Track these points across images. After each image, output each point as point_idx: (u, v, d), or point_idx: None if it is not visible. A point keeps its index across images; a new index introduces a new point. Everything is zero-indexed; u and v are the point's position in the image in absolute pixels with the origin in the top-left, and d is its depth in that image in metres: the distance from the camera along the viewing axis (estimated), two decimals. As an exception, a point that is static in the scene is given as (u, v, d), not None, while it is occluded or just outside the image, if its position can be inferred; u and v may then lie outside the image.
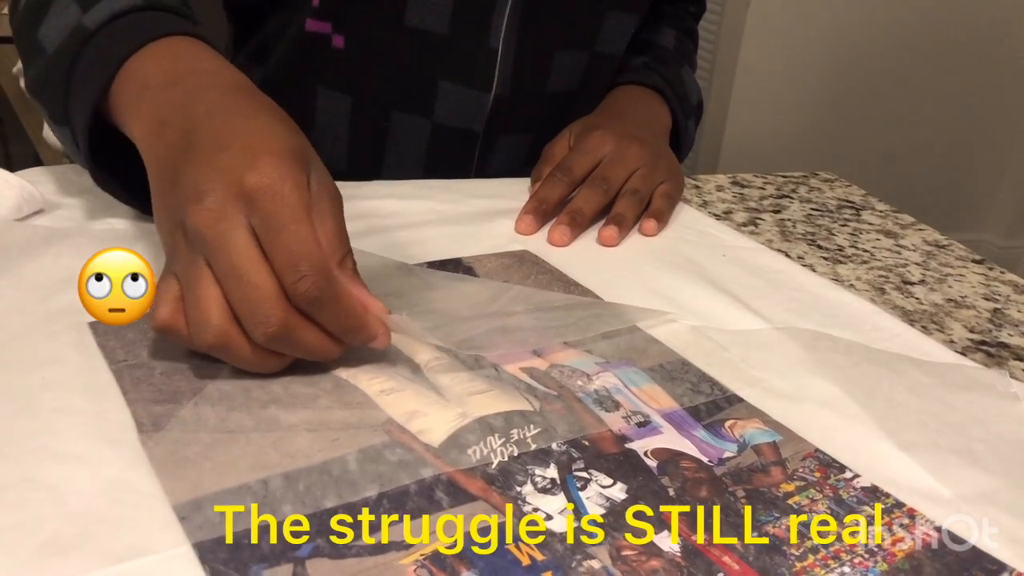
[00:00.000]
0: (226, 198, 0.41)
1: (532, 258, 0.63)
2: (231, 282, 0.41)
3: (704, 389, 0.50)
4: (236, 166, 0.41)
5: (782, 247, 0.71)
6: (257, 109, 0.47)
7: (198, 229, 0.41)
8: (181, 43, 0.52)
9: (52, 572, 0.33)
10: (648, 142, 0.73)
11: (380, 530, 0.36)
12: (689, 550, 0.38)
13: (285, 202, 0.41)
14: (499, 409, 0.45)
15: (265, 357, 0.43)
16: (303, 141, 0.45)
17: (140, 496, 0.37)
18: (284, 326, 0.41)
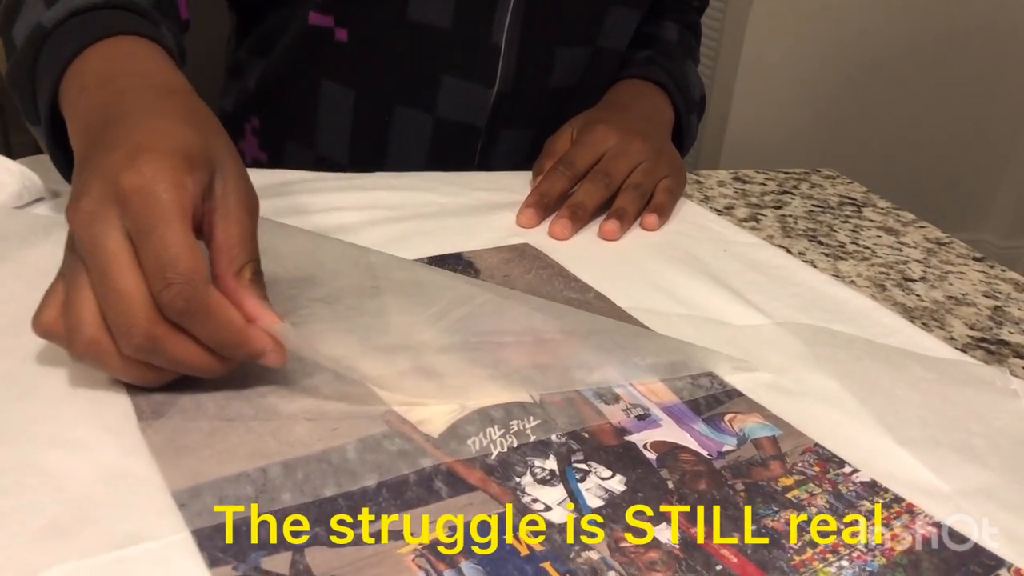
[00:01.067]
0: (101, 199, 0.39)
1: (533, 252, 0.63)
2: (100, 288, 0.38)
3: (704, 383, 0.50)
4: (115, 166, 0.39)
5: (783, 243, 0.71)
6: (169, 110, 0.44)
7: (74, 231, 0.39)
8: (126, 43, 0.51)
9: (51, 556, 0.33)
10: (651, 137, 0.73)
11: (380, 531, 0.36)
12: (688, 543, 0.38)
13: (156, 204, 0.38)
14: (499, 400, 0.45)
15: (138, 369, 0.40)
16: (206, 143, 0.42)
17: (139, 483, 0.37)
18: (149, 337, 0.38)
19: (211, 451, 0.39)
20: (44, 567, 0.32)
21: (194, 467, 0.38)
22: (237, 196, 0.42)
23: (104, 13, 0.52)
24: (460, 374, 0.47)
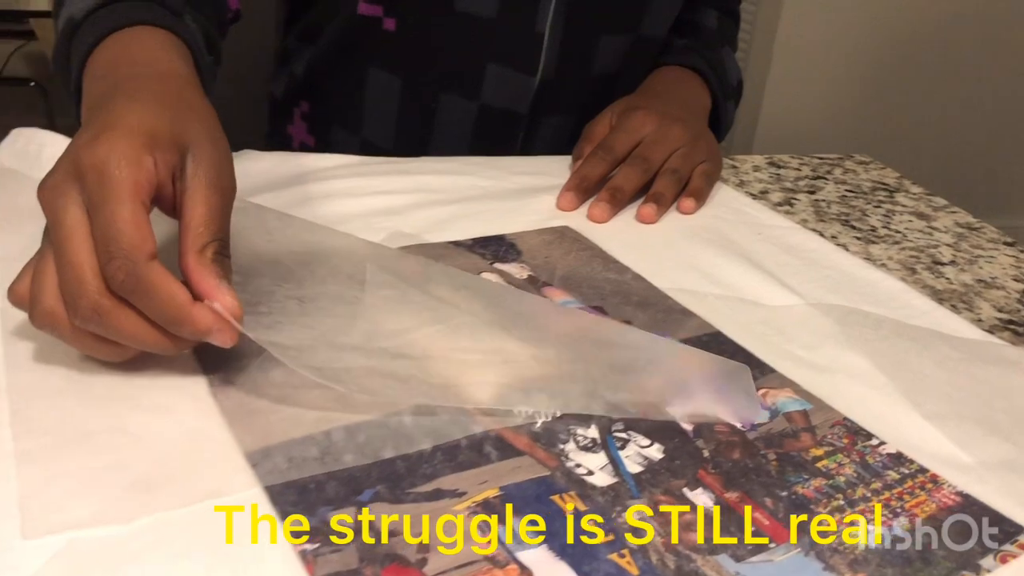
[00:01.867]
0: (64, 176, 0.40)
1: (573, 234, 0.66)
2: (57, 260, 0.40)
3: (738, 360, 0.52)
4: (81, 145, 0.40)
5: (816, 227, 0.73)
6: (151, 95, 0.45)
7: (41, 205, 0.41)
8: (141, 33, 0.53)
9: (141, 508, 0.36)
10: (688, 123, 0.75)
11: (436, 490, 0.39)
12: (722, 505, 0.40)
13: (108, 180, 0.39)
14: (544, 372, 0.48)
15: (91, 341, 0.41)
16: (179, 125, 0.43)
17: (215, 444, 0.40)
18: (94, 308, 0.39)
19: (279, 416, 0.42)
20: (132, 518, 0.36)
21: (264, 430, 0.41)
22: (207, 177, 0.43)
23: (128, 5, 0.55)
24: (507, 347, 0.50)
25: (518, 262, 0.60)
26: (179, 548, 0.35)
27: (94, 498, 0.36)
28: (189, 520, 0.36)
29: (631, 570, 0.36)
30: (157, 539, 0.35)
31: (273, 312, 0.45)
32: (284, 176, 0.68)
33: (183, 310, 0.39)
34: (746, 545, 0.38)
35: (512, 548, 0.37)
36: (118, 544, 0.34)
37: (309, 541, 0.35)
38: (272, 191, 0.65)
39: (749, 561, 0.38)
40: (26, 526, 0.35)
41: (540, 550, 0.37)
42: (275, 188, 0.66)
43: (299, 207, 0.63)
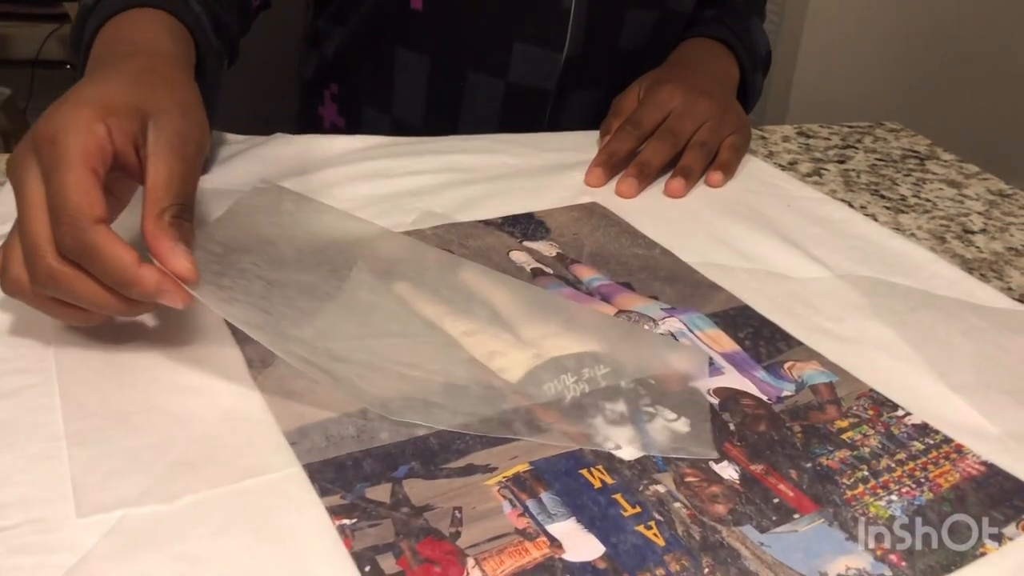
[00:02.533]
0: (26, 149, 0.42)
1: (601, 210, 0.66)
2: (19, 230, 0.41)
3: (765, 333, 0.53)
4: (40, 119, 0.42)
5: (845, 197, 0.73)
6: (119, 68, 0.47)
7: (8, 178, 0.43)
8: (138, 15, 0.54)
9: (183, 486, 0.38)
10: (716, 95, 0.75)
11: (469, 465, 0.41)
12: (747, 478, 0.41)
13: (57, 148, 0.41)
14: (571, 350, 0.49)
15: (54, 306, 0.42)
16: (140, 95, 0.45)
17: (254, 423, 0.42)
18: (49, 273, 0.40)
19: (316, 395, 0.43)
20: (177, 496, 0.37)
21: (301, 410, 0.42)
22: (169, 143, 0.44)
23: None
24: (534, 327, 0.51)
25: (547, 240, 0.61)
26: (221, 525, 0.36)
27: (140, 477, 0.38)
28: (231, 498, 0.38)
29: (657, 541, 0.37)
30: (201, 517, 0.36)
31: (235, 288, 0.46)
32: (315, 159, 0.69)
33: (128, 272, 0.40)
34: (771, 516, 0.39)
35: (542, 521, 0.38)
36: (164, 521, 0.36)
37: (347, 517, 0.37)
38: (303, 174, 0.67)
39: (773, 532, 0.39)
40: (79, 505, 0.36)
41: (569, 523, 0.38)
42: (306, 171, 0.67)
43: (331, 189, 0.65)
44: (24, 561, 0.34)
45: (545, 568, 0.36)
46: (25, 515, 0.36)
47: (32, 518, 0.35)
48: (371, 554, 0.35)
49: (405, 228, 0.60)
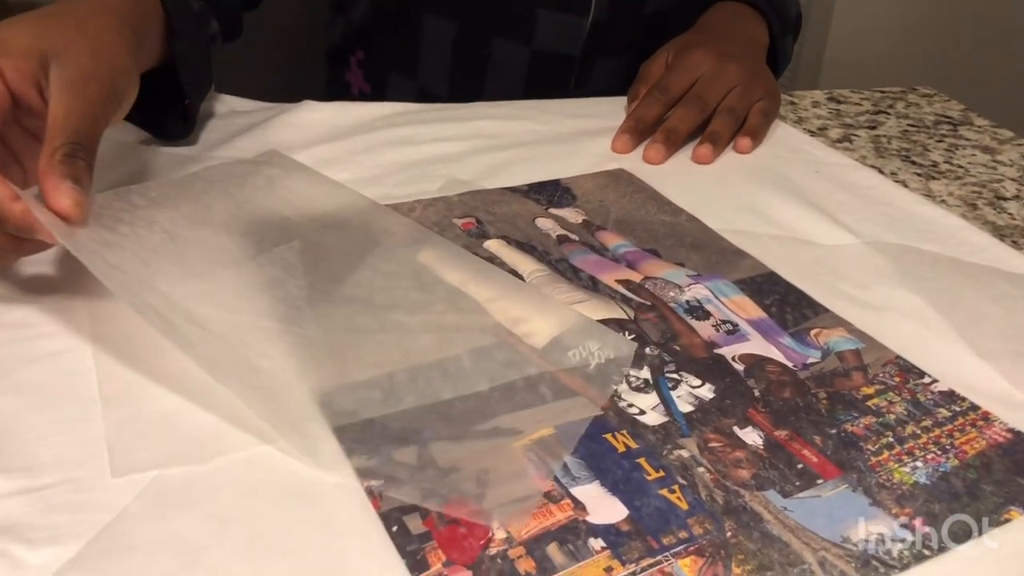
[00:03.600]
0: None
1: (627, 176, 0.66)
2: None
3: (791, 300, 0.52)
4: None
5: (876, 163, 0.72)
6: (34, 14, 0.47)
7: None
8: None
9: (215, 448, 0.38)
10: (745, 60, 0.75)
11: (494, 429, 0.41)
12: (771, 443, 0.42)
13: None
14: (596, 317, 0.49)
15: None
16: (45, 38, 0.46)
17: (284, 385, 0.42)
18: None
19: (344, 359, 0.44)
20: (208, 458, 0.38)
21: (330, 373, 0.43)
22: (70, 83, 0.44)
23: None
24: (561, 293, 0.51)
25: (573, 207, 0.61)
26: (252, 485, 0.37)
27: (172, 439, 0.39)
28: (261, 459, 0.38)
29: (680, 505, 0.38)
30: (231, 477, 0.37)
31: (129, 236, 0.45)
32: (342, 126, 0.70)
33: (1, 206, 0.41)
34: (794, 481, 0.39)
35: (566, 484, 0.38)
36: (196, 481, 0.37)
37: (374, 478, 0.37)
38: (331, 141, 0.67)
39: (797, 497, 0.39)
40: (113, 465, 0.37)
41: (593, 486, 0.38)
42: (334, 138, 0.67)
43: (357, 156, 0.65)
44: (61, 519, 0.34)
45: (569, 530, 0.36)
46: (62, 475, 0.36)
47: (68, 478, 0.36)
48: (398, 515, 0.36)
49: (431, 195, 0.60)
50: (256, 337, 0.44)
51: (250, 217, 0.53)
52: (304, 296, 0.48)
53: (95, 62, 0.46)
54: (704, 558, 0.35)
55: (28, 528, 0.34)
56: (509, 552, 0.35)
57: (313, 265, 0.50)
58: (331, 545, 0.35)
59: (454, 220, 0.57)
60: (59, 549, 0.33)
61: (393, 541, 0.35)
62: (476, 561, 0.34)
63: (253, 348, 0.43)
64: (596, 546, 0.35)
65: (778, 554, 0.36)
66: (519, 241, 0.56)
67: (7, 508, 0.35)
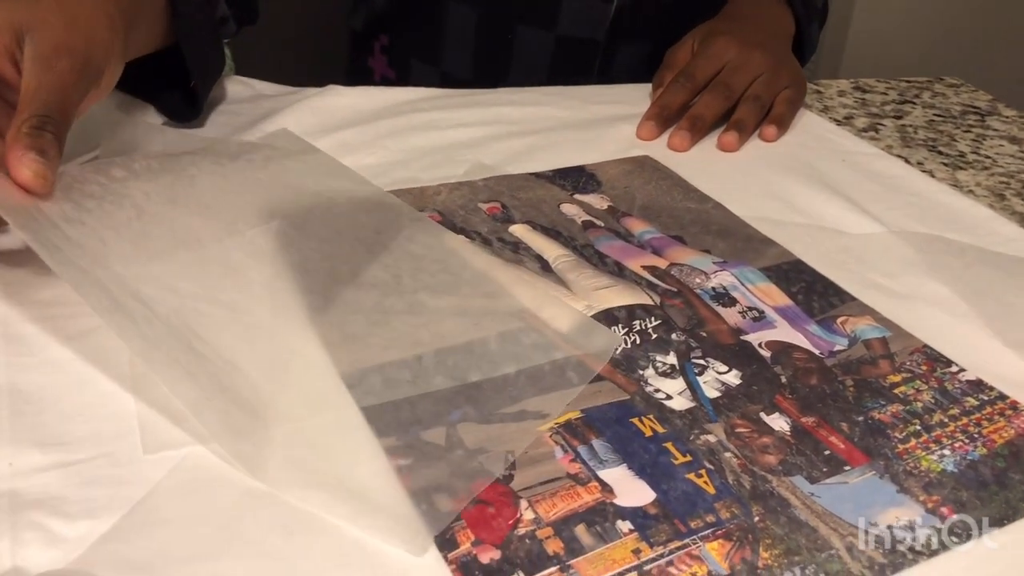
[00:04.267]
0: None
1: (652, 163, 0.66)
2: None
3: (818, 288, 0.52)
4: None
5: (902, 153, 0.72)
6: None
7: None
8: None
9: (247, 425, 0.39)
10: (771, 48, 0.74)
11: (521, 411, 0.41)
12: (798, 430, 0.42)
13: None
14: (622, 302, 0.49)
15: None
16: (18, 12, 0.46)
17: (313, 366, 0.42)
18: None
19: (372, 340, 0.44)
20: (244, 436, 0.38)
21: (358, 354, 0.43)
22: (40, 55, 0.44)
23: None
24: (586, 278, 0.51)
25: (598, 193, 0.61)
26: (283, 462, 0.37)
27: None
28: (292, 436, 0.39)
29: (708, 489, 0.38)
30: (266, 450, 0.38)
31: (93, 211, 0.45)
32: (367, 111, 0.70)
33: None
34: (821, 467, 0.40)
35: (593, 466, 0.38)
36: (228, 458, 0.37)
37: (403, 457, 0.38)
38: (356, 126, 0.67)
39: (824, 483, 0.39)
40: (146, 442, 0.38)
41: (620, 469, 0.38)
42: (359, 123, 0.68)
43: (383, 140, 0.65)
44: (96, 493, 0.35)
45: (597, 512, 0.36)
46: (98, 449, 0.37)
47: (104, 452, 0.37)
48: (427, 493, 0.36)
49: (456, 179, 0.60)
50: (200, 322, 0.43)
51: (232, 195, 0.52)
52: (265, 283, 0.47)
53: (69, 36, 0.46)
54: (732, 542, 0.36)
55: (64, 501, 0.34)
56: (537, 532, 0.35)
57: (321, 247, 0.50)
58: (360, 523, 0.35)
59: (479, 204, 0.57)
60: (95, 522, 0.34)
61: (423, 520, 0.35)
62: (505, 541, 0.35)
63: (194, 332, 0.42)
64: (624, 528, 0.36)
65: (806, 539, 0.36)
66: (544, 226, 0.56)
67: (44, 481, 0.35)
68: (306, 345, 0.44)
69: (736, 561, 0.35)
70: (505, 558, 0.34)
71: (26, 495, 0.34)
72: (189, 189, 0.51)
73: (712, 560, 0.35)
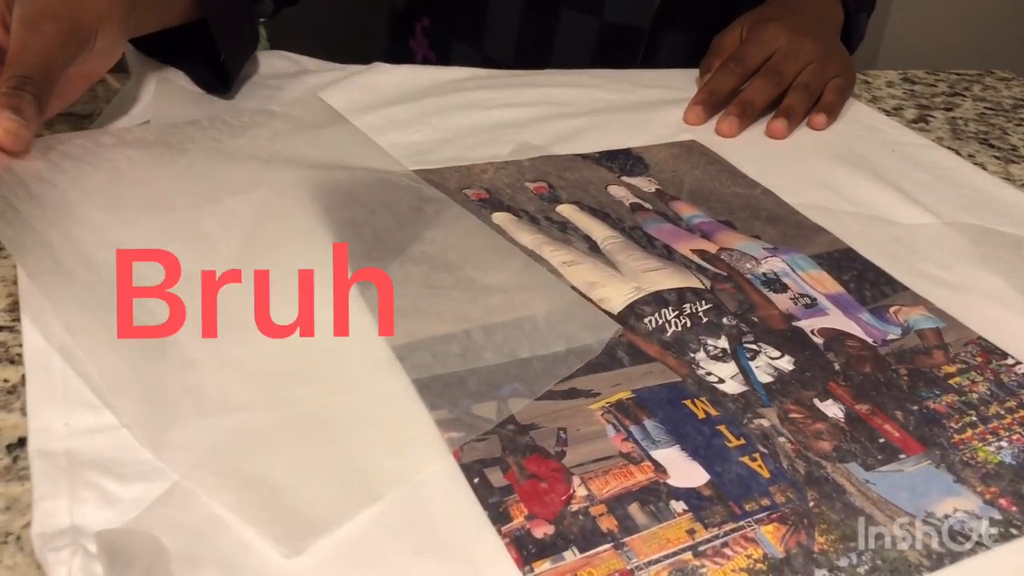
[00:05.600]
0: None
1: (700, 148, 0.65)
2: None
3: (869, 276, 0.52)
4: None
5: (952, 145, 0.70)
6: None
7: None
8: None
9: (294, 396, 0.39)
10: (821, 36, 0.73)
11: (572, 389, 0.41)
12: (852, 417, 0.41)
13: None
14: (672, 285, 0.49)
15: None
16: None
17: (363, 338, 0.42)
18: None
19: (421, 313, 0.44)
20: (292, 404, 0.38)
21: (408, 326, 0.43)
22: (24, 17, 0.45)
23: None
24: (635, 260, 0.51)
25: (645, 176, 0.60)
26: (335, 432, 0.37)
27: (255, 385, 0.39)
28: (344, 407, 0.38)
29: (762, 473, 0.37)
30: (316, 423, 0.37)
31: (68, 172, 0.45)
32: (413, 89, 0.69)
33: None
34: (876, 455, 0.39)
35: (646, 447, 0.38)
36: (280, 426, 0.37)
37: (455, 430, 0.37)
38: (402, 103, 0.67)
39: (879, 470, 0.38)
40: (200, 407, 0.38)
41: (673, 450, 0.38)
42: (405, 101, 0.67)
43: (428, 118, 0.65)
44: (149, 456, 0.35)
45: (651, 491, 0.36)
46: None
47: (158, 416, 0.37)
48: (479, 467, 0.36)
49: (502, 159, 0.60)
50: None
51: (223, 166, 0.52)
52: (233, 256, 0.45)
53: (39, 6, 0.46)
54: (787, 526, 0.35)
55: (118, 463, 0.34)
56: (591, 509, 0.35)
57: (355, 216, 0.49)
58: (414, 492, 0.35)
59: (526, 184, 0.57)
60: (149, 485, 0.34)
61: (475, 493, 0.35)
62: (558, 516, 0.34)
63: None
64: (678, 508, 0.35)
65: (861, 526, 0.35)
66: (592, 207, 0.55)
67: (99, 444, 0.35)
68: (354, 315, 0.43)
69: (791, 545, 0.34)
70: (559, 533, 0.34)
71: (82, 455, 0.34)
72: (179, 158, 0.51)
73: (767, 543, 0.34)
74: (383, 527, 0.33)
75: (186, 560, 0.31)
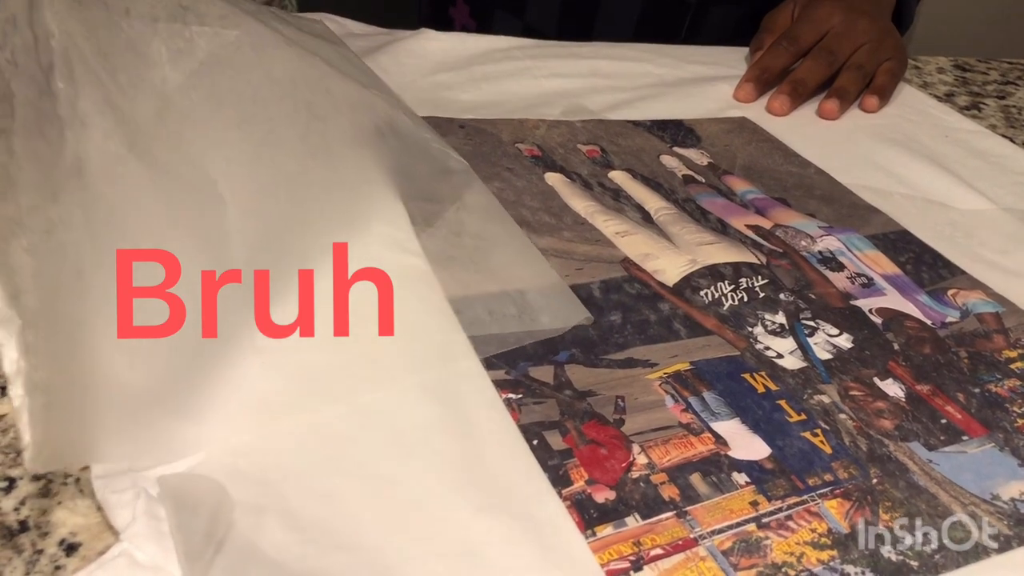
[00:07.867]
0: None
1: (751, 125, 0.64)
2: None
3: (926, 259, 0.51)
4: None
5: (1006, 133, 0.69)
6: None
7: None
8: None
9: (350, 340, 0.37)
10: (876, 17, 0.72)
11: (629, 359, 0.40)
12: (913, 397, 0.40)
13: None
14: (728, 259, 0.48)
15: None
16: None
17: (419, 283, 0.41)
18: None
19: (476, 266, 0.43)
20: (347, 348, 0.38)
21: (463, 278, 0.42)
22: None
23: None
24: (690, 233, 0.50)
25: (697, 148, 0.59)
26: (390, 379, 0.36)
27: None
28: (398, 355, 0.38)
29: (824, 448, 0.37)
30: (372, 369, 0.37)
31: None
32: (461, 56, 0.68)
33: None
34: (938, 435, 0.38)
35: (706, 418, 0.37)
36: (339, 369, 0.36)
37: (513, 391, 0.37)
38: (451, 70, 0.66)
39: (942, 451, 0.38)
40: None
41: (733, 423, 0.37)
42: (453, 67, 0.66)
43: (478, 84, 0.64)
44: (207, 402, 0.34)
45: (712, 462, 0.35)
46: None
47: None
48: (538, 429, 0.35)
49: (554, 118, 0.59)
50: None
51: None
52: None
53: None
54: (851, 501, 0.34)
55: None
56: (652, 477, 0.34)
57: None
58: (472, 450, 0.34)
59: (579, 145, 0.56)
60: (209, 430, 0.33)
61: (534, 454, 0.34)
62: (619, 482, 0.34)
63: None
64: (740, 480, 0.35)
65: (926, 505, 0.35)
66: (644, 176, 0.55)
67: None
68: (410, 260, 0.41)
69: (856, 520, 0.34)
70: (620, 499, 0.33)
71: (144, 396, 0.34)
72: None
73: (832, 518, 0.34)
74: (444, 483, 0.33)
75: (250, 508, 0.30)
